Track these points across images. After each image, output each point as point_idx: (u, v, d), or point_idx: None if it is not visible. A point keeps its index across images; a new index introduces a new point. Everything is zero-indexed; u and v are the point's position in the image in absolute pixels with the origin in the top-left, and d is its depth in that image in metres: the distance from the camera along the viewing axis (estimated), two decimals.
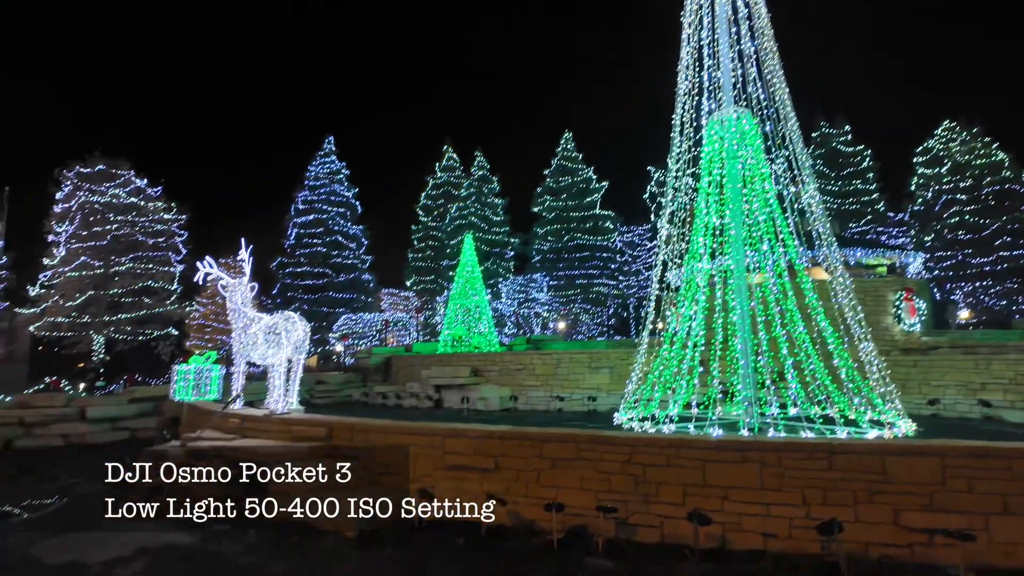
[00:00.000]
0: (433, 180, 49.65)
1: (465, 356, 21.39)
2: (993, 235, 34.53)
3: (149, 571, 5.99)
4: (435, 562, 6.30)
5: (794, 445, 6.65)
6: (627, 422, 11.58)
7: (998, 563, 5.68)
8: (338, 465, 8.67)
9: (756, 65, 12.16)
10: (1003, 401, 13.72)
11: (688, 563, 5.94)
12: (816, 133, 46.36)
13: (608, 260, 44.64)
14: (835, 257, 11.84)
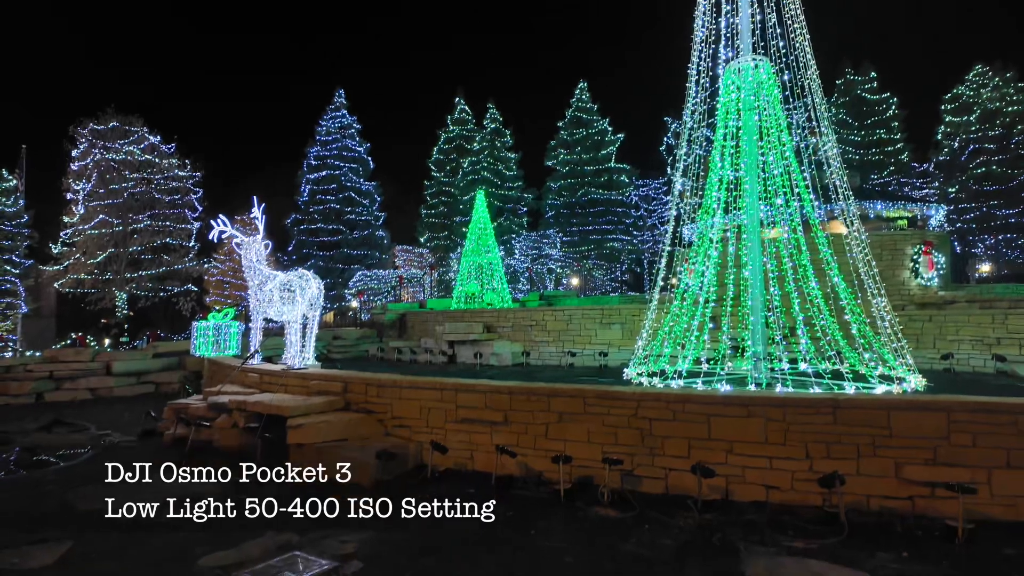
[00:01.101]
0: (445, 134, 49.01)
1: (478, 312, 21.58)
2: (1021, 186, 33.53)
3: (171, 520, 6.30)
4: (447, 512, 6.53)
5: (799, 400, 6.72)
6: (636, 377, 11.71)
7: (997, 515, 5.77)
8: (354, 418, 9.00)
9: (776, 10, 11.66)
10: (1019, 356, 13.62)
11: (691, 513, 6.12)
12: (840, 80, 44.75)
13: (623, 215, 44.21)
14: (851, 211, 11.61)
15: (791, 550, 5.25)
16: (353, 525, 6.06)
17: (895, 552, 5.16)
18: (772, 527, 5.76)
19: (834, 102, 44.14)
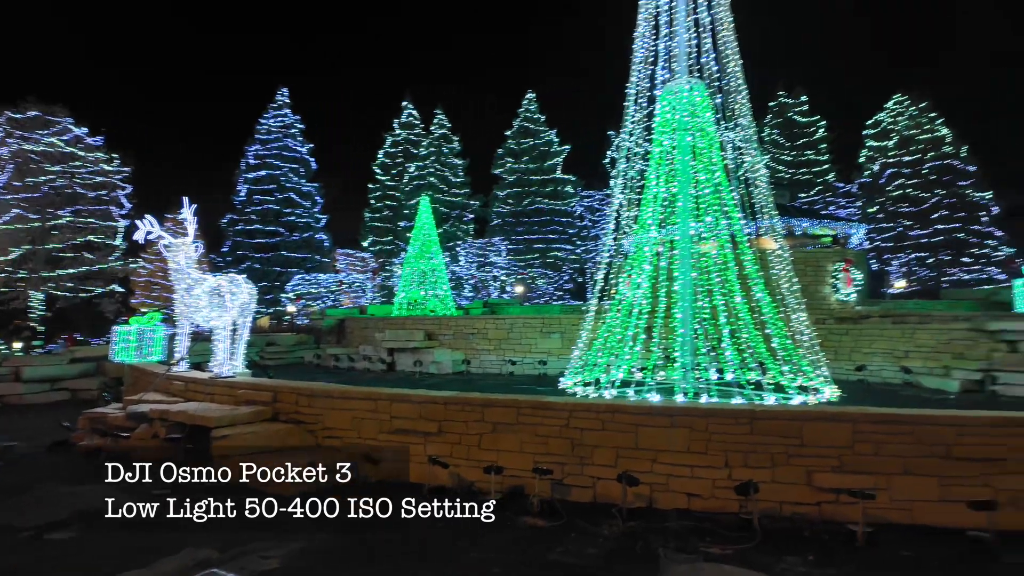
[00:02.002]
0: (391, 137, 48.52)
1: (419, 319, 21.45)
2: (932, 208, 36.14)
3: (84, 535, 5.98)
4: (378, 523, 6.46)
5: (720, 411, 7.03)
6: (572, 387, 11.93)
7: (895, 519, 6.21)
8: (283, 429, 8.77)
9: (711, 36, 12.21)
10: (923, 368, 14.66)
11: (616, 521, 6.29)
12: (774, 103, 47.05)
13: (567, 225, 44.84)
14: (776, 229, 12.26)
15: (709, 556, 5.48)
16: (278, 539, 5.91)
17: (802, 556, 5.47)
18: (692, 534, 5.99)
19: (767, 123, 46.42)
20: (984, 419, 6.36)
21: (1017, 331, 13.72)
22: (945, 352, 14.74)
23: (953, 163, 36.51)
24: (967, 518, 5.77)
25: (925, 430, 6.36)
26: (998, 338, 13.94)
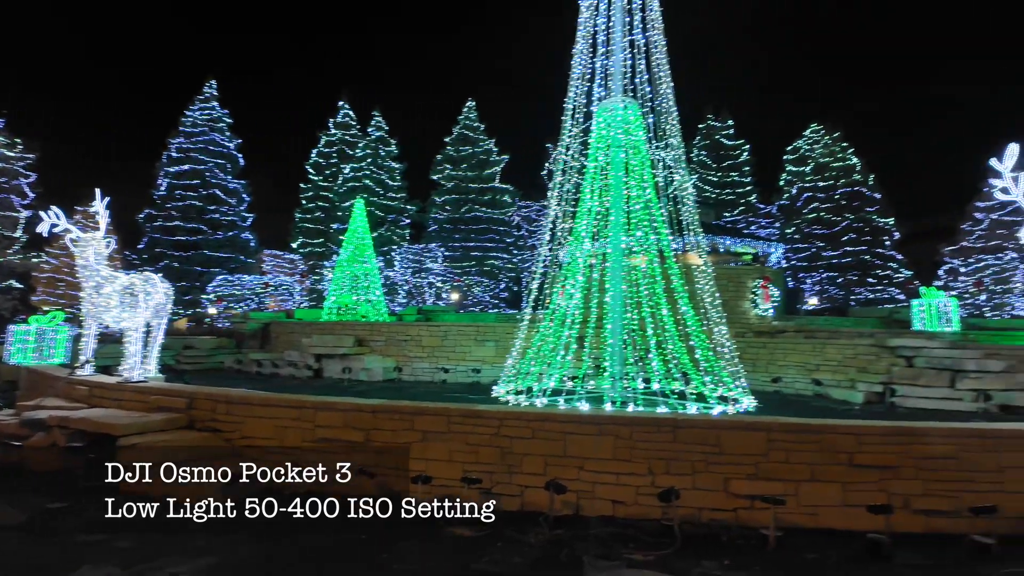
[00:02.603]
0: (326, 137, 47.32)
1: (350, 325, 20.92)
2: (842, 231, 38.81)
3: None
4: (295, 535, 6.24)
5: (645, 420, 7.25)
6: (504, 395, 11.98)
7: (803, 523, 6.58)
8: (198, 437, 8.31)
9: (645, 57, 12.67)
10: (832, 380, 15.68)
11: (542, 529, 6.34)
12: (703, 125, 49.25)
13: (505, 234, 45.08)
14: (701, 245, 12.82)
15: (631, 562, 5.61)
16: (189, 554, 5.59)
17: (719, 560, 5.70)
18: (616, 541, 6.12)
19: (696, 144, 48.55)
20: (881, 429, 6.87)
21: (913, 347, 14.90)
22: (851, 366, 15.81)
23: (862, 190, 39.40)
24: (866, 521, 6.18)
25: (830, 439, 6.79)
26: (897, 353, 15.09)
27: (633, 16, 12.52)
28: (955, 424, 7.44)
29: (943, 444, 6.70)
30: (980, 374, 13.34)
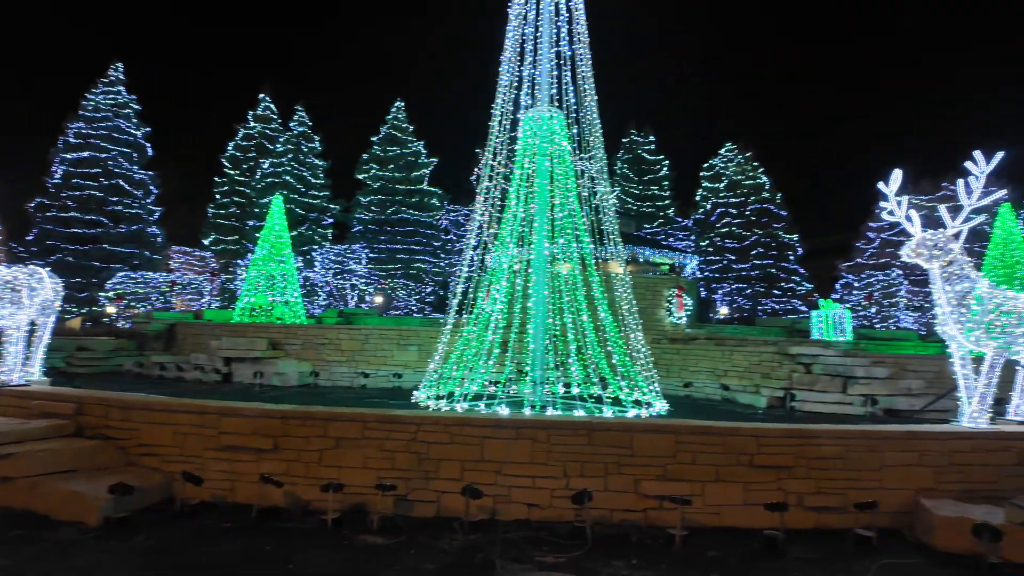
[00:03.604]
0: (244, 129, 45.19)
1: (264, 327, 19.99)
2: (751, 246, 41.28)
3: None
4: (193, 547, 5.86)
5: (562, 423, 7.35)
6: (425, 400, 11.82)
7: (707, 523, 6.88)
8: (87, 446, 7.65)
9: (571, 69, 12.96)
10: (738, 385, 16.58)
11: (457, 534, 6.28)
12: (626, 139, 50.98)
13: (432, 237, 44.67)
14: (620, 254, 13.22)
15: (542, 565, 5.65)
16: (73, 572, 5.12)
17: (627, 560, 5.85)
18: (529, 544, 6.15)
19: (619, 157, 50.18)
20: (779, 431, 7.30)
21: (811, 355, 16.01)
22: (756, 372, 16.78)
23: (770, 207, 42.10)
24: (764, 519, 6.55)
25: (734, 441, 7.15)
26: (797, 361, 16.16)
27: (560, 28, 12.79)
28: (844, 426, 8.02)
29: (833, 445, 7.21)
30: (868, 380, 14.52)
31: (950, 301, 8.49)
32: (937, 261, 8.46)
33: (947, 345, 8.94)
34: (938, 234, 8.50)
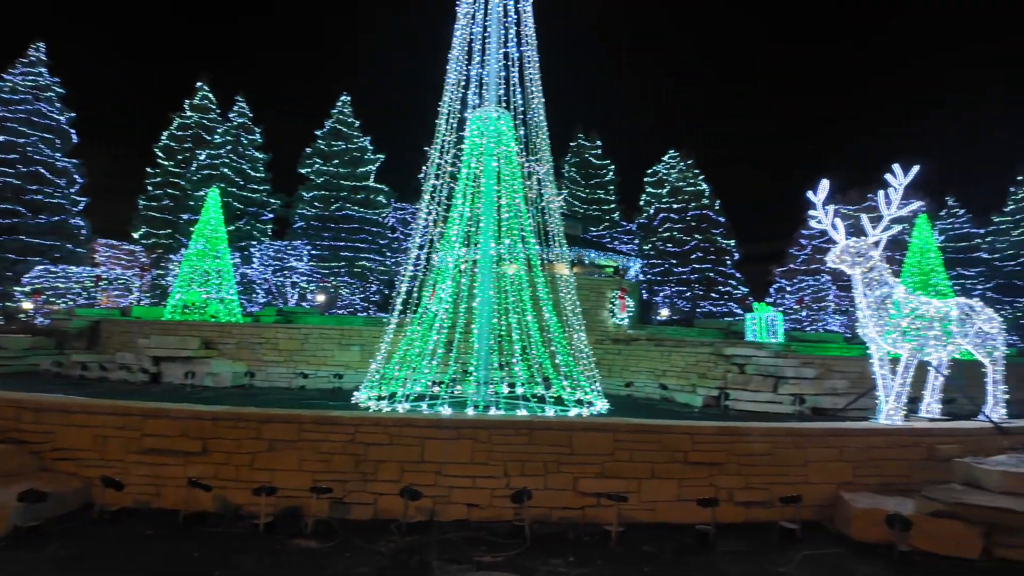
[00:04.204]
0: (180, 119, 43.13)
1: (196, 325, 19.14)
2: (691, 250, 42.62)
3: None
4: (112, 555, 5.55)
5: (503, 423, 7.37)
6: (365, 401, 11.60)
7: (643, 518, 7.04)
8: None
9: (519, 71, 13.01)
10: (676, 385, 17.07)
11: (394, 536, 6.20)
12: (574, 143, 51.64)
13: (378, 235, 43.80)
14: (565, 256, 13.39)
15: (480, 565, 5.65)
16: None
17: (564, 558, 5.91)
18: (468, 544, 6.14)
19: (567, 161, 50.79)
20: (711, 429, 7.56)
21: (745, 356, 16.65)
22: (693, 372, 17.32)
23: (709, 213, 43.56)
24: (697, 514, 6.76)
25: (669, 438, 7.36)
26: (732, 361, 16.78)
27: (508, 30, 12.83)
28: (772, 424, 8.40)
29: (761, 442, 7.53)
30: (797, 380, 15.23)
31: (870, 305, 9.02)
32: (859, 267, 8.97)
33: (868, 347, 9.49)
34: (860, 242, 9.02)
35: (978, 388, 10.08)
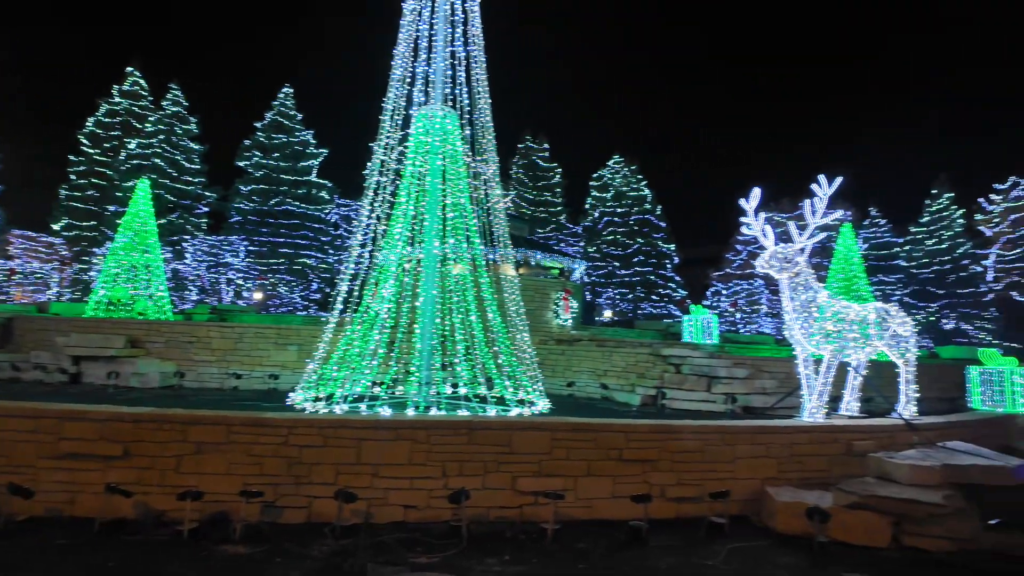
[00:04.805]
0: (108, 105, 40.79)
1: (122, 323, 18.13)
2: (633, 253, 43.68)
3: None
4: (20, 566, 5.20)
5: (442, 423, 7.34)
6: (301, 402, 11.30)
7: (579, 516, 7.17)
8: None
9: (465, 71, 12.96)
10: (616, 384, 17.42)
11: (327, 540, 6.07)
12: (522, 145, 51.95)
13: (320, 232, 42.67)
14: (510, 257, 13.45)
15: (415, 566, 5.61)
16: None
17: (500, 556, 5.95)
18: (404, 546, 6.08)
19: (515, 162, 51.05)
20: (645, 427, 7.78)
21: (681, 356, 17.17)
22: (633, 372, 17.72)
23: (651, 218, 44.76)
24: (631, 510, 6.94)
25: (605, 437, 7.51)
26: (668, 361, 17.26)
27: (455, 28, 12.77)
28: (703, 422, 8.70)
29: (693, 440, 7.80)
30: (730, 380, 15.82)
31: (796, 309, 9.49)
32: (786, 272, 9.42)
33: (794, 348, 9.98)
34: (787, 248, 9.47)
35: (892, 388, 10.78)
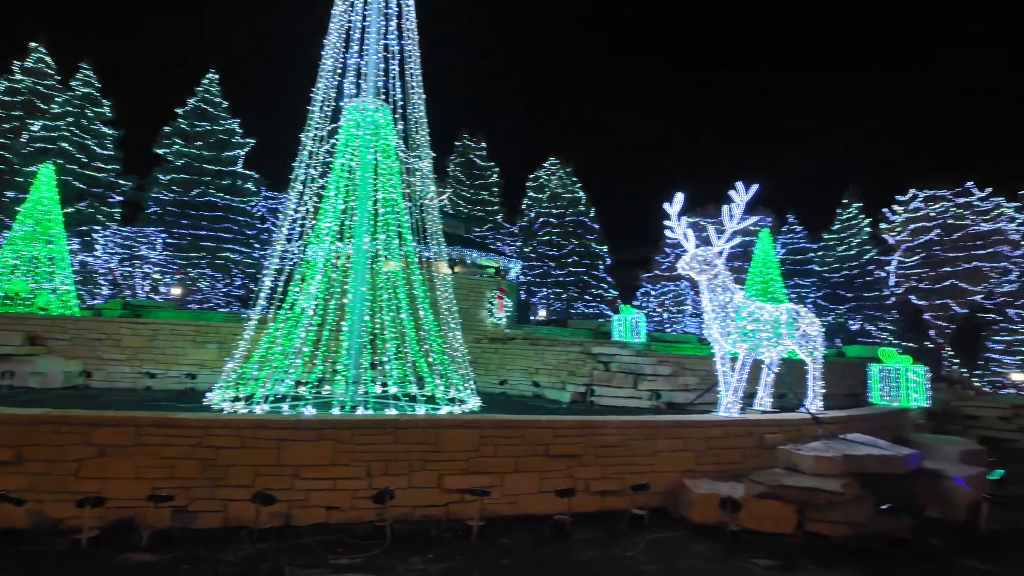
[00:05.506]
0: (8, 83, 37.58)
1: (20, 318, 16.73)
2: (568, 254, 44.46)
3: None
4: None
5: (367, 422, 7.23)
6: (219, 402, 10.81)
7: (505, 512, 7.23)
8: None
9: (399, 65, 12.76)
10: (548, 382, 17.69)
11: (244, 544, 5.85)
12: (459, 143, 51.77)
13: (245, 225, 40.81)
14: (444, 255, 13.37)
15: (336, 567, 5.50)
16: None
17: (424, 555, 5.92)
18: (325, 547, 5.94)
19: (452, 160, 50.81)
20: (571, 423, 7.94)
21: (610, 355, 17.64)
22: (564, 370, 18.04)
23: (585, 220, 45.66)
24: (555, 505, 7.07)
25: (532, 433, 7.62)
26: (598, 359, 17.69)
27: (389, 21, 12.56)
28: (626, 417, 8.98)
29: (616, 435, 8.03)
30: (655, 377, 16.39)
31: (715, 309, 9.95)
32: (705, 274, 9.86)
33: (712, 347, 10.46)
34: (707, 251, 9.92)
35: (803, 384, 11.49)
